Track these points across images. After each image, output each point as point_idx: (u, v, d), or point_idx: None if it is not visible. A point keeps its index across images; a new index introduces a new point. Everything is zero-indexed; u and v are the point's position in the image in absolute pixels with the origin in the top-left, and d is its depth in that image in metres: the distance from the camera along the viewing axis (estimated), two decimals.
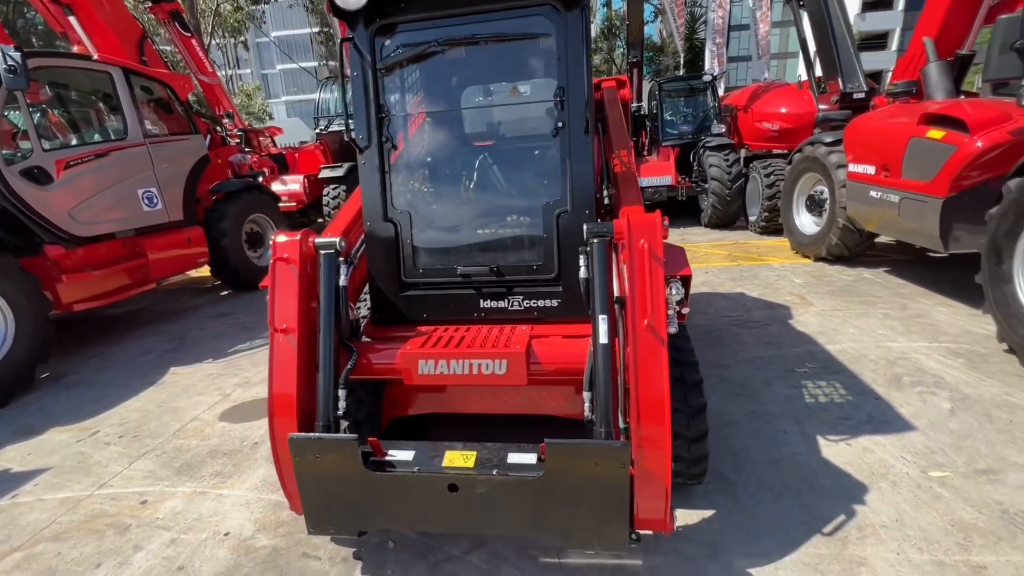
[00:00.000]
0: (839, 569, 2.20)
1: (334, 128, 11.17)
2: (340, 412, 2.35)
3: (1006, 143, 4.14)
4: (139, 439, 3.77)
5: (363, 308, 3.04)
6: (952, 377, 3.70)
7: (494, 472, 2.09)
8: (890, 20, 43.41)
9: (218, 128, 9.33)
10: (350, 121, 2.66)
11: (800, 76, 12.40)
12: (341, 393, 2.36)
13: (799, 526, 2.46)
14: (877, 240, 6.45)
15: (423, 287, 2.75)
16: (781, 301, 5.51)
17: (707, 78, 10.90)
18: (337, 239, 2.41)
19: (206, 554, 2.58)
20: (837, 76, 8.60)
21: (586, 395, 2.18)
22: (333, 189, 9.90)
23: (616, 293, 2.20)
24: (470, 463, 2.17)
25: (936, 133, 4.63)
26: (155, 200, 6.31)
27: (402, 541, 2.57)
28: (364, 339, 2.76)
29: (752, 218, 9.02)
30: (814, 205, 6.94)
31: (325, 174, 9.96)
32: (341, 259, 2.44)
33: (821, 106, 8.92)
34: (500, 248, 2.71)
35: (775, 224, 8.23)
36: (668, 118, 10.83)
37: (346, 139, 2.75)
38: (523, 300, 2.65)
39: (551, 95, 2.53)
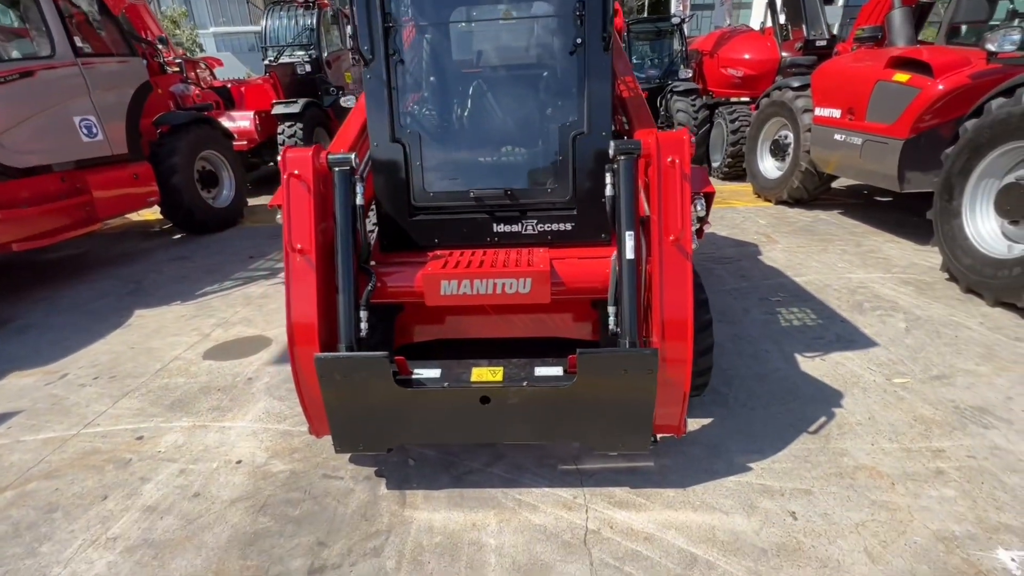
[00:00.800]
0: (825, 460, 2.48)
1: (285, 60, 10.29)
2: (363, 334, 2.32)
3: (965, 86, 4.43)
4: (118, 380, 3.58)
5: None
6: (905, 302, 4.09)
7: (524, 384, 2.17)
8: None
9: (155, 54, 8.36)
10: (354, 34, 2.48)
11: (759, 23, 12.49)
12: (363, 315, 2.33)
13: (787, 428, 2.73)
14: (832, 184, 6.84)
15: (434, 211, 2.69)
16: (749, 240, 5.81)
17: (675, 20, 10.78)
18: (352, 155, 2.30)
19: (221, 480, 2.56)
20: (801, 23, 8.77)
21: (611, 310, 2.26)
22: (289, 127, 9.23)
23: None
24: (498, 377, 2.23)
25: (902, 76, 4.87)
26: (94, 129, 5.69)
27: (422, 458, 2.64)
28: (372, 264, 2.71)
29: (715, 164, 9.26)
30: (778, 150, 7.21)
31: (279, 110, 9.24)
32: (355, 176, 2.34)
33: (784, 53, 9.12)
34: (514, 171, 2.68)
35: (738, 170, 8.51)
36: (635, 62, 10.71)
37: (350, 51, 2.57)
38: (537, 224, 2.66)
39: (569, 11, 2.45)
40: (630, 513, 2.24)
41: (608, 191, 2.26)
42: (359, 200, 2.33)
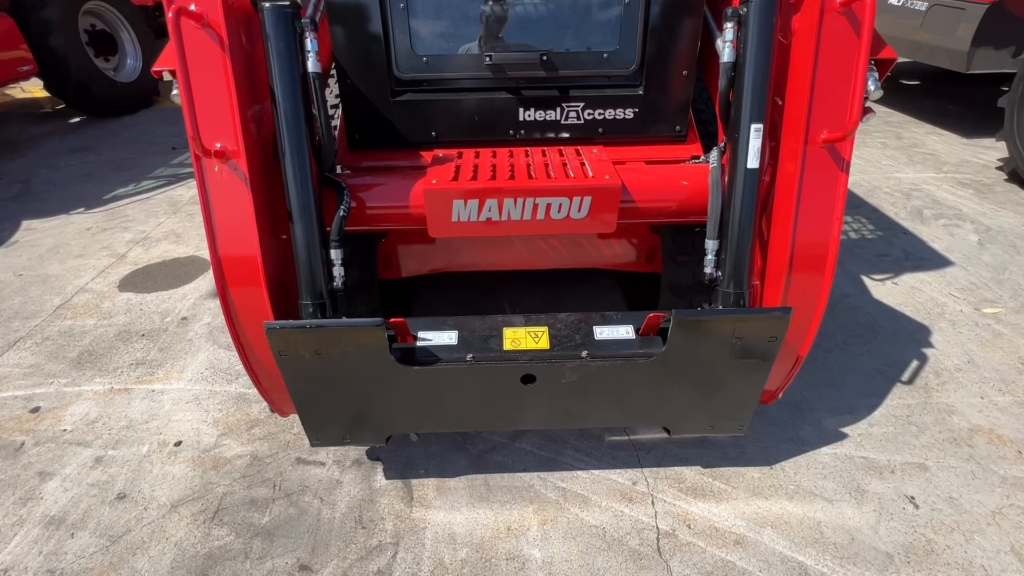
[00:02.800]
0: (931, 420, 2.02)
1: None
2: (338, 283, 1.54)
3: None
4: (0, 322, 2.70)
5: None
6: (968, 208, 3.54)
7: (584, 355, 1.49)
8: None
9: None
10: None
11: None
12: (335, 254, 1.52)
13: (876, 376, 2.23)
14: None
15: (428, 87, 1.77)
16: None
17: None
18: None
19: (155, 473, 1.89)
20: None
21: (710, 245, 1.54)
22: None
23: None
24: (543, 343, 1.54)
25: None
26: None
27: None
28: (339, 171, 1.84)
29: None
30: None
31: None
32: (304, 20, 1.38)
33: None
34: (552, 25, 1.74)
35: None
36: None
37: None
38: (583, 109, 1.80)
39: None
40: (709, 504, 1.74)
41: (726, 55, 1.41)
42: (312, 62, 1.39)
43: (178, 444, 2.00)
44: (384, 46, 1.68)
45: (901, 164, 4.24)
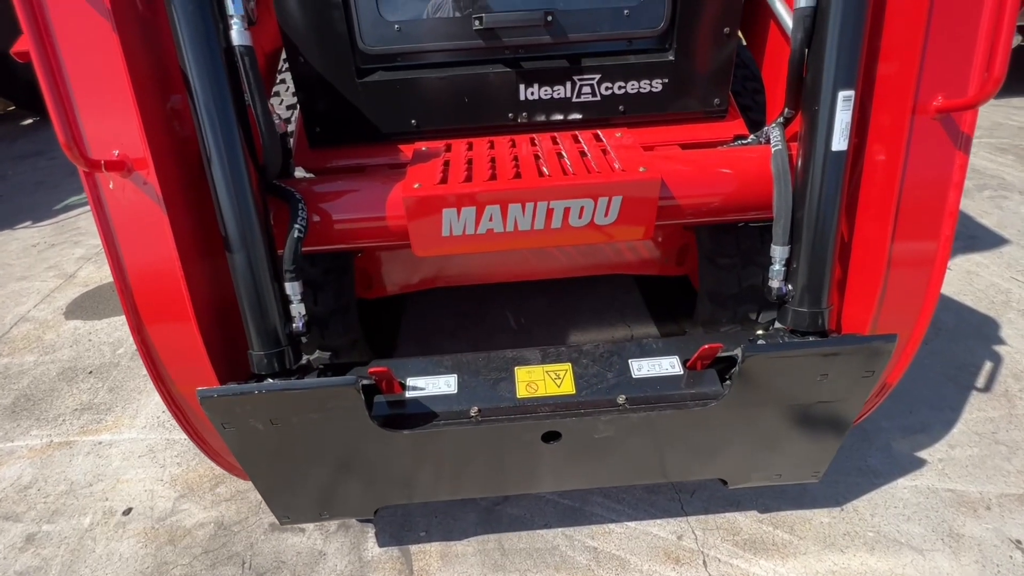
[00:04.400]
0: (1022, 436, 1.71)
1: None
2: (298, 324, 1.18)
3: None
4: None
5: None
6: (1012, 176, 3.21)
7: (621, 401, 1.16)
8: None
9: None
10: None
11: None
12: (292, 288, 1.16)
13: (945, 382, 1.92)
14: None
15: (404, 63, 1.40)
16: None
17: None
18: None
19: (98, 553, 1.55)
20: None
21: (778, 252, 1.19)
22: None
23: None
24: (567, 387, 1.21)
25: None
26: None
27: None
28: (299, 174, 1.47)
29: None
30: None
31: None
32: None
33: None
34: None
35: None
36: None
37: None
38: (599, 82, 1.43)
39: None
40: (774, 563, 1.43)
41: (803, 1, 1.04)
42: (238, 32, 1.02)
43: (127, 512, 1.66)
44: (344, 12, 1.30)
45: None
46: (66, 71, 0.93)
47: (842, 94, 1.03)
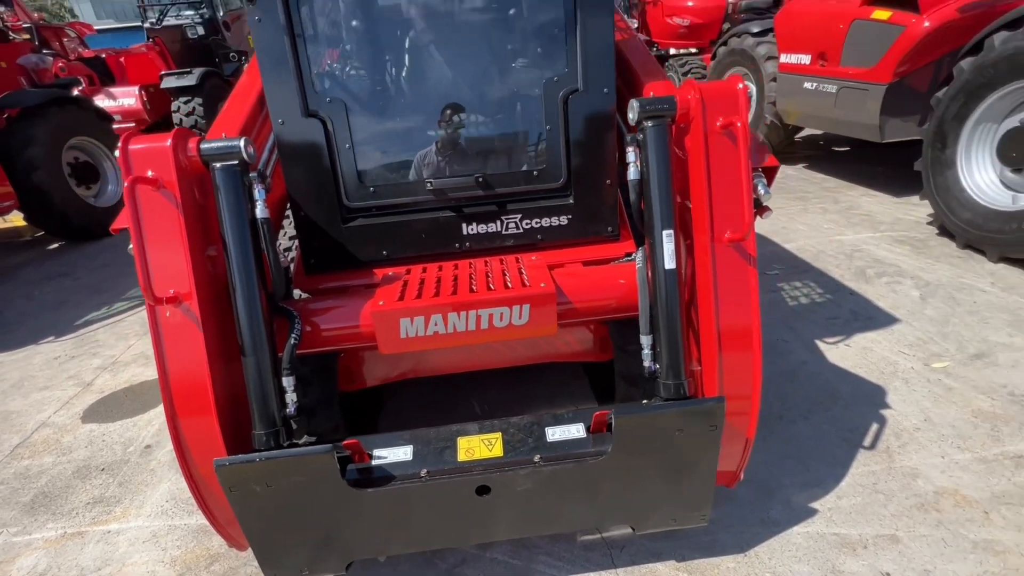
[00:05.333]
0: (897, 486, 2.04)
1: (170, 21, 8.66)
2: (291, 409, 1.57)
3: (954, 20, 4.05)
4: None
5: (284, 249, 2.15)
6: (907, 264, 3.76)
7: (536, 459, 1.52)
8: None
9: None
10: None
11: None
12: (287, 381, 1.57)
13: (840, 444, 2.26)
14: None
15: (377, 213, 1.93)
16: None
17: None
18: (239, 142, 1.47)
19: None
20: None
21: (645, 340, 1.63)
22: (185, 103, 7.81)
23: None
24: (496, 451, 1.57)
25: (882, 14, 4.44)
26: None
27: None
28: (297, 295, 1.93)
29: None
30: None
31: (171, 83, 7.76)
32: (253, 175, 1.53)
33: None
34: (486, 149, 1.95)
35: None
36: None
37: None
38: (521, 220, 1.96)
39: None
40: None
41: (631, 173, 1.59)
42: (260, 210, 1.53)
43: None
44: (333, 180, 1.85)
45: (841, 227, 4.54)
46: (146, 240, 1.41)
47: (665, 232, 1.52)
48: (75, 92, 6.74)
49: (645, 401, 1.66)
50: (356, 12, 1.89)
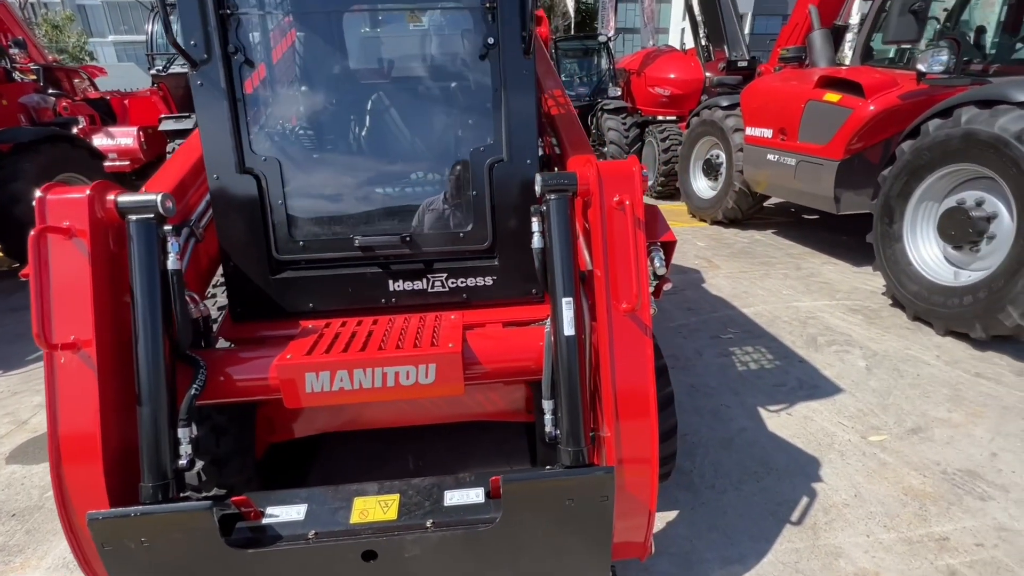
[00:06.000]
0: (818, 565, 1.99)
1: (175, 69, 9.08)
2: (183, 462, 1.55)
3: (896, 106, 4.33)
4: None
5: (219, 298, 2.19)
6: (858, 334, 3.82)
7: (428, 524, 1.49)
8: (744, 4, 47.51)
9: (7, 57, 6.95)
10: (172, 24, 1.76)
11: (678, 46, 12.83)
12: (183, 432, 1.56)
13: (767, 516, 2.23)
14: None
15: (306, 265, 1.98)
16: (690, 265, 5.48)
17: (602, 39, 10.70)
18: (157, 196, 1.54)
19: None
20: (723, 44, 8.87)
21: (547, 405, 1.65)
22: (179, 145, 8.06)
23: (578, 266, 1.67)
24: (391, 514, 1.54)
25: (833, 96, 4.74)
26: None
27: None
28: (221, 344, 1.94)
29: (648, 183, 9.11)
30: (711, 169, 7.06)
31: (168, 126, 8.03)
32: (168, 228, 1.58)
33: (707, 73, 9.18)
34: (413, 210, 2.03)
35: (671, 188, 8.36)
36: (565, 79, 10.50)
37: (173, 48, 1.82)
38: (447, 279, 2.02)
39: (477, 2, 1.86)
40: None
41: (535, 241, 1.66)
42: (172, 261, 1.57)
43: None
44: (264, 232, 1.91)
45: (800, 293, 4.64)
46: (52, 285, 1.45)
47: (565, 300, 1.57)
48: (74, 130, 6.99)
49: (549, 467, 1.65)
50: (295, 80, 2.02)
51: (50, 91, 8.03)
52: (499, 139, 1.92)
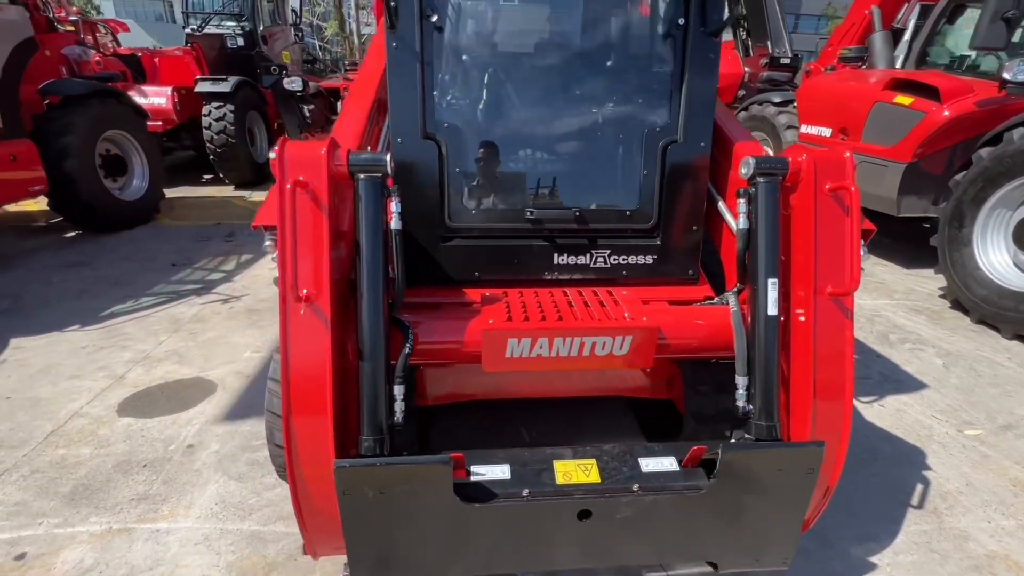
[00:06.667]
0: (951, 546, 2.10)
1: (211, 30, 8.87)
2: (398, 418, 1.59)
3: (970, 113, 4.39)
4: None
5: None
6: (926, 333, 3.93)
7: (635, 488, 1.55)
8: None
9: (39, 6, 6.73)
10: None
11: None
12: (398, 390, 1.60)
13: (888, 500, 2.33)
14: None
15: (475, 235, 2.00)
16: None
17: None
18: (387, 156, 1.56)
19: None
20: (765, 40, 8.85)
21: (740, 381, 1.70)
22: (216, 108, 7.91)
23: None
24: (593, 477, 1.60)
25: (904, 99, 4.79)
26: None
27: None
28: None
29: None
30: None
31: (205, 87, 7.88)
32: (391, 188, 1.60)
33: (746, 68, 9.17)
34: (583, 186, 2.06)
35: None
36: None
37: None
38: (610, 255, 2.05)
39: None
40: None
41: (740, 223, 1.70)
42: (396, 221, 1.59)
43: None
44: (439, 200, 1.93)
45: (858, 292, 4.73)
46: (299, 234, 1.46)
47: (770, 281, 1.62)
48: (113, 85, 6.83)
49: (733, 439, 1.72)
50: (481, 48, 2.02)
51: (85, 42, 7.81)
52: (675, 120, 1.94)
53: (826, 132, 5.71)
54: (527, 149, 2.04)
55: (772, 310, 1.62)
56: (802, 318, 1.65)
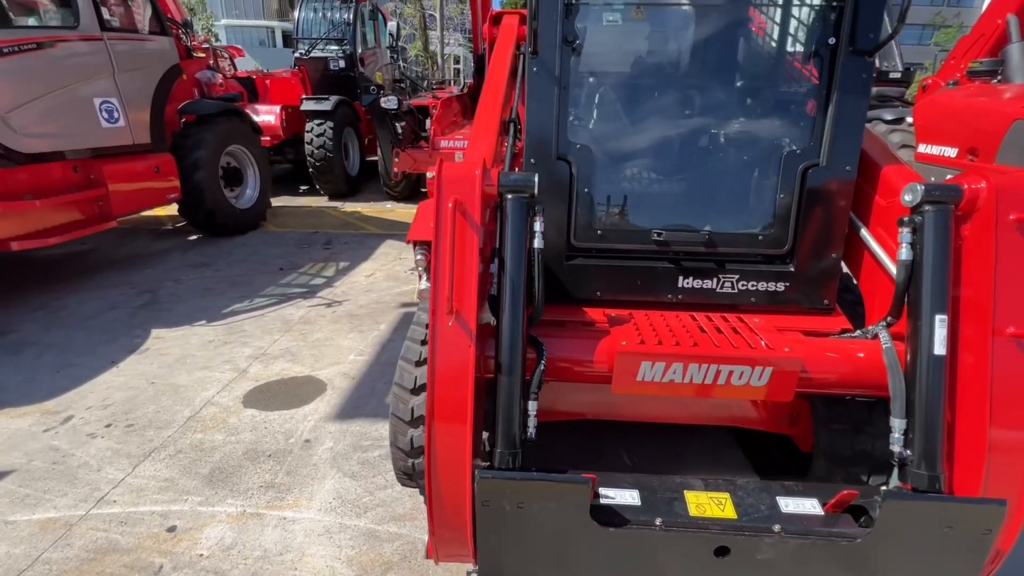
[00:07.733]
0: None
1: (317, 54, 9.64)
2: (531, 433, 1.62)
3: None
4: (136, 430, 2.83)
5: None
6: None
7: (776, 529, 1.47)
8: None
9: (182, 36, 7.65)
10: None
11: None
12: (532, 406, 1.63)
13: None
14: None
15: (599, 254, 2.01)
16: None
17: None
18: (535, 176, 1.61)
19: None
20: None
21: (897, 423, 1.57)
22: (318, 125, 8.55)
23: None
24: (728, 512, 1.53)
25: None
26: (116, 114, 4.96)
27: None
28: None
29: None
30: None
31: (309, 106, 8.56)
32: (536, 207, 1.65)
33: None
34: (713, 208, 2.01)
35: None
36: None
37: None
38: (738, 280, 1.99)
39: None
40: None
41: (904, 253, 1.58)
42: (539, 240, 1.63)
43: None
44: (567, 219, 1.96)
45: None
46: (458, 252, 1.53)
47: (938, 317, 1.50)
48: (237, 105, 7.58)
49: (883, 488, 1.58)
50: (614, 70, 2.05)
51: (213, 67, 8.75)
52: (818, 143, 1.86)
53: (950, 152, 5.23)
54: (656, 170, 2.03)
55: (940, 349, 1.49)
56: (973, 360, 1.50)
